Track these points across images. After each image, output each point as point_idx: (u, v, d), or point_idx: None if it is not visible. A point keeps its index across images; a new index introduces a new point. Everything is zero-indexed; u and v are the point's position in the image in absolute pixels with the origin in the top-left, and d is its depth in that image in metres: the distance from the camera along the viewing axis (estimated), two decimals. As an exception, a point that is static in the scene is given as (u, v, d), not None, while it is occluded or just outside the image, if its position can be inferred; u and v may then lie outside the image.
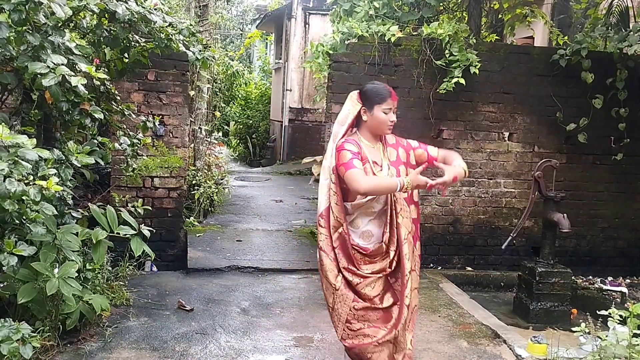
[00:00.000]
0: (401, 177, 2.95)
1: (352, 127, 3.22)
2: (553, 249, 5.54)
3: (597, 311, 3.84)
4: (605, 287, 6.32)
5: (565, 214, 5.32)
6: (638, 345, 3.30)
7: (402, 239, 3.04)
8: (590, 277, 6.68)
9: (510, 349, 4.36)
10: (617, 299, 6.00)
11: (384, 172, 3.09)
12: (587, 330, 3.76)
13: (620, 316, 3.57)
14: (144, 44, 4.86)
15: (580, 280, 6.48)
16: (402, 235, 3.04)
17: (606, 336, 3.62)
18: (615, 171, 6.82)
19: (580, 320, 4.10)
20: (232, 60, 17.44)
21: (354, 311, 3.08)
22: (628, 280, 6.69)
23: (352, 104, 3.18)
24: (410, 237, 3.14)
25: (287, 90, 15.42)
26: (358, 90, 3.24)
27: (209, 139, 9.07)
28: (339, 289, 3.10)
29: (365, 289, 3.06)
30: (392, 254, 3.06)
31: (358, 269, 3.07)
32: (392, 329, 3.06)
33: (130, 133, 4.97)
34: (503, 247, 5.68)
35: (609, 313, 3.58)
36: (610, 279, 6.62)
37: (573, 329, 3.87)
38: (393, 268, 3.12)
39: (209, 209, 8.03)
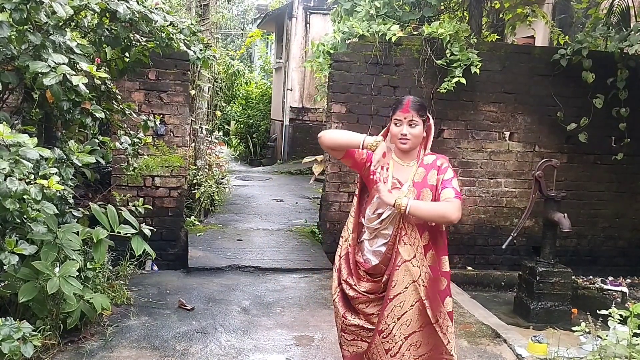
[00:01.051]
0: (367, 137, 2.83)
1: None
2: (554, 248, 5.54)
3: (598, 311, 3.84)
4: (605, 287, 6.32)
5: (565, 214, 5.32)
6: (638, 344, 3.30)
7: (395, 264, 2.92)
8: (591, 276, 6.68)
9: (510, 348, 4.37)
10: (618, 299, 6.00)
11: (403, 189, 2.93)
12: (587, 330, 3.77)
13: (621, 316, 3.58)
14: (144, 43, 4.86)
15: (581, 280, 6.49)
16: (398, 261, 2.92)
17: (606, 336, 3.63)
18: (616, 171, 6.82)
19: (581, 320, 4.10)
20: (233, 59, 17.44)
21: (344, 325, 3.07)
22: (628, 280, 6.69)
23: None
24: (417, 266, 2.93)
25: (287, 89, 15.41)
26: None
27: (209, 139, 9.06)
28: (335, 300, 3.11)
29: (360, 305, 3.02)
30: (384, 277, 2.95)
31: (355, 284, 3.01)
32: (365, 352, 3.01)
33: (131, 132, 4.97)
34: (504, 246, 5.68)
35: (610, 313, 3.59)
36: (610, 278, 6.63)
37: (573, 328, 3.88)
38: (386, 292, 2.97)
39: (210, 208, 8.03)
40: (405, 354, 2.95)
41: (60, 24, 4.05)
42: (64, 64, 3.68)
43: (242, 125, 18.05)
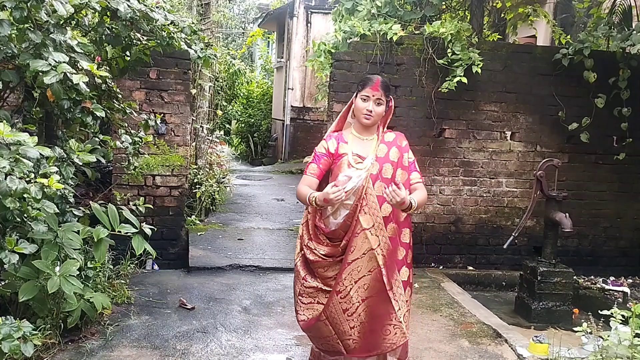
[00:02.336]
0: (313, 193, 3.09)
1: (346, 117, 3.40)
2: (555, 248, 5.53)
3: (599, 311, 3.83)
4: (607, 287, 6.30)
5: (567, 214, 5.31)
6: (640, 345, 3.29)
7: (355, 231, 3.11)
8: (592, 276, 6.67)
9: (511, 348, 4.36)
10: (619, 299, 5.99)
11: (366, 163, 3.17)
12: (589, 330, 3.76)
13: (623, 316, 3.57)
14: (145, 42, 4.85)
15: (582, 280, 6.47)
16: (357, 229, 3.11)
17: (608, 336, 3.61)
18: (617, 171, 6.80)
19: (582, 320, 4.09)
20: (234, 58, 17.42)
21: (303, 288, 3.26)
22: (630, 280, 6.67)
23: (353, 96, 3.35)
24: (375, 234, 3.13)
25: (288, 89, 15.41)
26: None
27: (210, 138, 9.06)
28: (296, 265, 3.31)
29: (319, 269, 3.21)
30: (343, 242, 3.15)
31: (315, 249, 3.21)
32: (323, 310, 3.18)
33: (132, 131, 4.97)
34: (505, 246, 5.67)
35: (611, 313, 3.57)
36: (612, 278, 6.61)
37: (575, 328, 3.87)
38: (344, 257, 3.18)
39: (211, 207, 8.03)
40: (362, 314, 3.18)
41: (61, 22, 4.06)
42: (64, 62, 3.67)
43: (243, 125, 18.05)
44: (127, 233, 4.46)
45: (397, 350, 3.35)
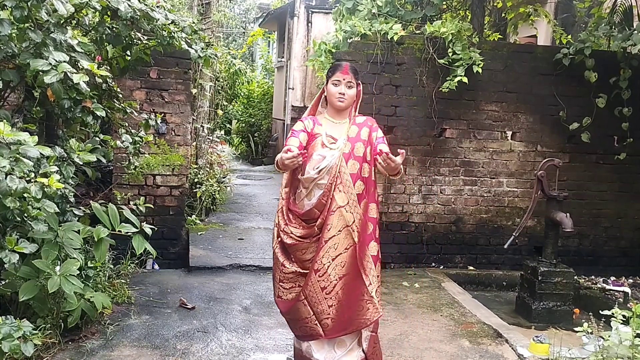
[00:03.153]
0: (280, 154, 3.10)
1: (320, 103, 3.54)
2: (556, 248, 5.52)
3: (600, 311, 3.83)
4: (607, 287, 6.29)
5: (568, 214, 5.31)
6: (641, 345, 3.29)
7: (331, 209, 3.22)
8: (593, 276, 6.66)
9: (512, 348, 4.35)
10: (620, 299, 5.98)
11: (338, 144, 3.30)
12: (589, 330, 3.75)
13: (623, 316, 3.56)
14: (146, 42, 4.85)
15: (583, 280, 6.47)
16: (332, 206, 3.22)
17: (609, 336, 3.61)
18: (618, 171, 6.79)
19: (583, 320, 4.09)
20: (235, 58, 17.41)
21: (283, 274, 3.36)
22: (631, 280, 6.66)
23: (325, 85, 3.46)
24: (350, 212, 3.24)
25: (289, 88, 15.40)
26: None
27: (211, 137, 9.06)
28: (274, 252, 3.40)
29: (297, 253, 3.32)
30: (319, 221, 3.25)
31: (291, 232, 3.31)
32: (302, 289, 3.28)
33: (132, 131, 4.97)
34: (505, 246, 5.66)
35: (612, 313, 3.57)
36: (612, 278, 6.60)
37: (575, 328, 3.87)
38: (321, 235, 3.26)
39: (211, 207, 8.03)
40: (339, 292, 3.27)
41: (61, 21, 4.05)
42: (65, 62, 3.67)
43: (243, 124, 18.03)
44: (127, 233, 4.46)
45: (371, 326, 3.43)
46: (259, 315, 4.84)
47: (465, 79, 6.02)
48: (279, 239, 3.39)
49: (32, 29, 3.76)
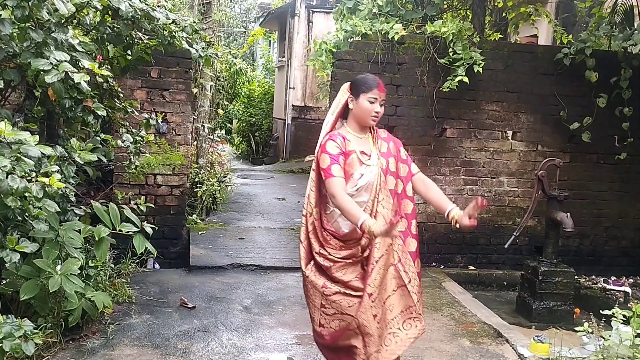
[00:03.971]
0: (368, 219, 2.82)
1: (340, 117, 3.27)
2: (556, 248, 5.52)
3: (600, 311, 3.83)
4: (608, 287, 6.30)
5: (568, 213, 5.31)
6: (641, 345, 3.29)
7: None
8: (594, 276, 6.66)
9: (512, 348, 4.36)
10: (620, 299, 5.99)
11: (373, 160, 3.12)
12: (590, 330, 3.76)
13: (624, 316, 3.56)
14: (147, 41, 4.85)
15: (583, 280, 6.47)
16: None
17: (609, 336, 3.61)
18: (619, 170, 6.79)
19: (583, 320, 4.09)
20: (236, 58, 17.42)
21: (325, 298, 3.09)
22: (631, 280, 6.67)
23: (342, 94, 3.24)
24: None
25: (290, 88, 15.41)
26: (350, 82, 3.27)
27: (211, 137, 9.06)
28: (309, 277, 3.14)
29: (337, 273, 3.07)
30: (364, 241, 3.06)
31: (329, 254, 3.08)
32: (354, 317, 3.01)
33: (133, 130, 4.97)
34: (506, 246, 5.65)
35: (612, 313, 3.57)
36: (613, 278, 6.60)
37: (576, 328, 3.87)
38: (366, 255, 3.08)
39: (212, 206, 8.03)
40: (383, 316, 3.06)
41: (62, 21, 4.05)
42: (65, 61, 3.67)
43: (244, 124, 18.05)
44: (128, 232, 4.46)
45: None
46: (259, 314, 4.85)
47: (465, 79, 6.02)
48: (312, 262, 3.15)
49: (33, 28, 3.76)
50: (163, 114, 5.94)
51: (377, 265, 3.02)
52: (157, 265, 6.01)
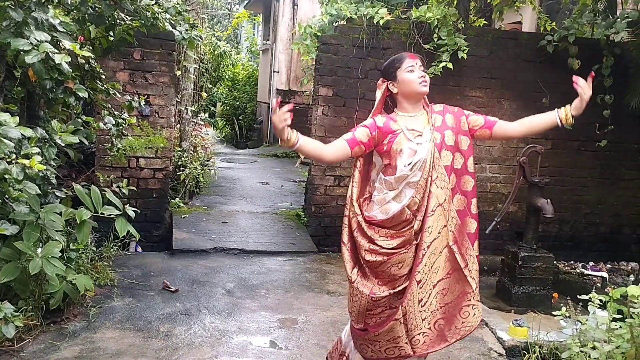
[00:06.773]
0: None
1: (381, 110, 3.10)
2: (536, 233, 5.59)
3: (578, 295, 3.89)
4: (586, 272, 6.41)
5: (549, 200, 5.36)
6: (617, 329, 3.35)
7: (430, 208, 2.85)
8: (572, 261, 6.77)
9: (492, 332, 4.42)
10: (598, 284, 6.10)
11: (425, 137, 2.91)
12: (567, 314, 3.83)
13: (600, 301, 3.63)
14: (129, 22, 4.79)
15: (562, 265, 6.57)
16: (431, 205, 2.85)
17: (586, 320, 3.68)
18: (599, 157, 6.88)
19: (561, 305, 4.15)
20: (220, 40, 17.22)
21: (372, 303, 2.93)
22: (609, 265, 6.79)
23: (378, 91, 3.10)
24: (447, 209, 2.91)
25: (274, 72, 15.31)
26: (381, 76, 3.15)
27: (195, 120, 8.99)
28: (355, 282, 2.96)
29: (392, 269, 2.88)
30: (416, 224, 2.87)
31: (382, 247, 2.88)
32: (400, 306, 2.86)
33: (116, 112, 4.92)
34: (487, 231, 5.70)
35: (589, 297, 3.63)
36: (591, 264, 6.71)
37: (554, 312, 3.93)
38: (419, 240, 2.88)
39: (195, 190, 7.99)
40: (433, 302, 2.89)
41: (43, 0, 3.98)
42: (46, 41, 3.61)
43: (228, 107, 17.93)
44: (110, 215, 4.44)
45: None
46: (242, 298, 4.86)
47: (450, 65, 6.03)
48: (357, 265, 2.98)
49: (13, 7, 3.69)
50: (146, 96, 5.88)
51: (429, 251, 2.86)
52: (139, 249, 5.99)
